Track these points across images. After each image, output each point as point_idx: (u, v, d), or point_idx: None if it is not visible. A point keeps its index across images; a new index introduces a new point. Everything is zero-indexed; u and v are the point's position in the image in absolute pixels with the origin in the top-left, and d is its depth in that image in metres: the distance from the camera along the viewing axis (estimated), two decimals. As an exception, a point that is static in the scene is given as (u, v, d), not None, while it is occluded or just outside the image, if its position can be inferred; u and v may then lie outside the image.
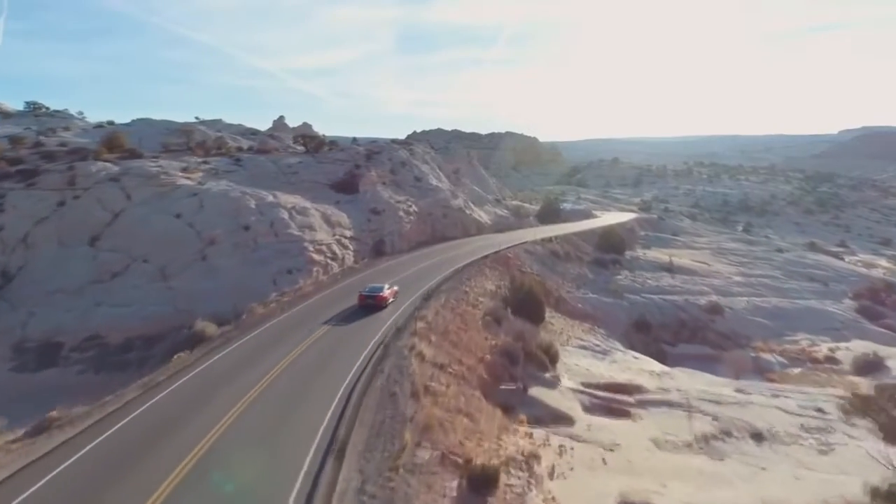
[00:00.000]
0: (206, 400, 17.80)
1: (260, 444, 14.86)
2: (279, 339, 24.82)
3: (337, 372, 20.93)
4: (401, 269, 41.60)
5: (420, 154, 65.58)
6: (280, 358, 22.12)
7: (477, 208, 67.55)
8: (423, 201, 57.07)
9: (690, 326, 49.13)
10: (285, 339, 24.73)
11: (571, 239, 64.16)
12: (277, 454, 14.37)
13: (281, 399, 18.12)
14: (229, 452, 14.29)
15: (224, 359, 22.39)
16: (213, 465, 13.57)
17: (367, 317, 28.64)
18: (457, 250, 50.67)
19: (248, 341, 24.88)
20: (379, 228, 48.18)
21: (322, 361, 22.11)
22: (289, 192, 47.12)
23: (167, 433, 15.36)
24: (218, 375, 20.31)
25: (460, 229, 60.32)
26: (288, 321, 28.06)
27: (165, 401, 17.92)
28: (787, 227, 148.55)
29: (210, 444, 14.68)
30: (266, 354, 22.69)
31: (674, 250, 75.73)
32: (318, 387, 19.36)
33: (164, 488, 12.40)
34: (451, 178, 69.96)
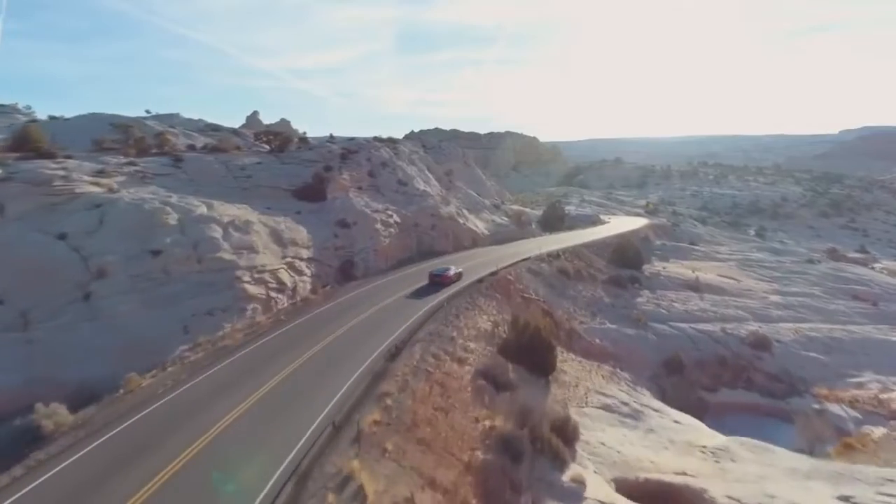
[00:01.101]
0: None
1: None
2: (141, 450, 14.97)
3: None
4: (369, 300, 31.66)
5: (406, 154, 55.67)
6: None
7: (472, 216, 57.63)
8: (407, 209, 47.16)
9: (732, 365, 39.20)
10: (151, 451, 14.89)
11: (581, 253, 54.20)
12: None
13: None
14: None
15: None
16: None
17: (293, 397, 18.70)
18: (446, 270, 40.79)
19: (89, 455, 15.04)
20: (348, 245, 38.23)
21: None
22: (237, 200, 37.20)
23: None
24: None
25: (452, 242, 50.40)
26: (178, 405, 18.17)
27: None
28: (801, 230, 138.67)
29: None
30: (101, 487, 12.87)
31: (695, 262, 65.78)
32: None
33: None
34: (443, 182, 60.03)
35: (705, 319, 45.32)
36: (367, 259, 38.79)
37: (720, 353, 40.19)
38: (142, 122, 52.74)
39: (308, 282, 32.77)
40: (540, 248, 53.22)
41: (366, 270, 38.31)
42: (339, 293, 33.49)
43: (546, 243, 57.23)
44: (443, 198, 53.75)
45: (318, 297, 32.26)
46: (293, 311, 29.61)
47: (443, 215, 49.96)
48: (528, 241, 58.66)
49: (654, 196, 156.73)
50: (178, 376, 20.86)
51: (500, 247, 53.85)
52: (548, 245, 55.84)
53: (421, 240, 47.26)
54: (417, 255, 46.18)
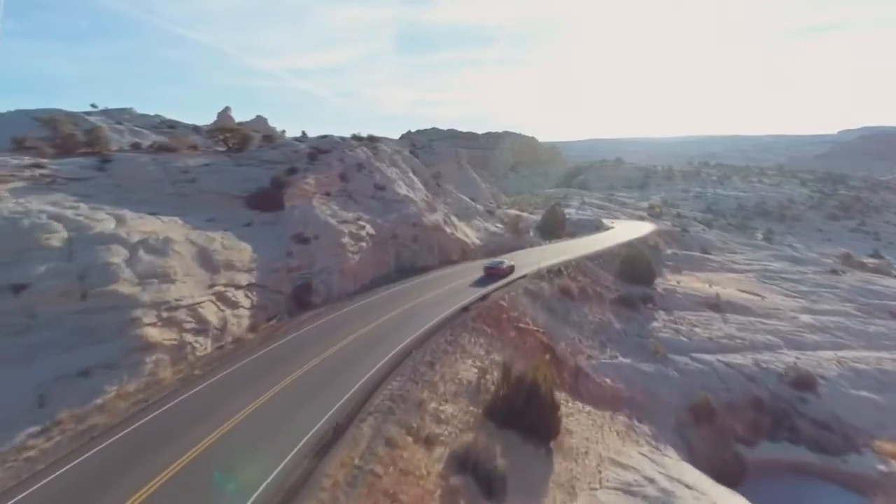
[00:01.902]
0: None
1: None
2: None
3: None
4: (321, 340, 24.34)
5: (387, 154, 48.36)
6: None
7: (462, 224, 50.34)
8: (384, 218, 39.86)
9: (771, 409, 31.91)
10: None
11: (586, 267, 46.89)
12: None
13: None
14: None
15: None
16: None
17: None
18: (426, 293, 33.46)
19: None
20: (306, 265, 30.92)
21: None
22: (170, 210, 29.96)
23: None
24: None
25: (437, 255, 43.11)
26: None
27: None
28: (810, 234, 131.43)
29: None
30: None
31: (711, 275, 58.52)
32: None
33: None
34: (430, 186, 52.73)
35: (733, 349, 38.02)
36: (329, 281, 31.49)
37: (755, 393, 32.86)
38: (81, 117, 45.41)
39: (246, 316, 25.47)
40: (539, 260, 45.99)
41: (328, 296, 31.01)
42: (286, 329, 26.16)
43: (545, 255, 49.96)
44: (428, 204, 46.45)
45: (256, 335, 24.94)
46: (217, 358, 22.30)
47: (427, 224, 42.66)
48: (524, 253, 51.38)
49: (657, 197, 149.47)
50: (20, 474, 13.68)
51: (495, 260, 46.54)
52: (547, 257, 48.59)
53: (400, 254, 39.98)
54: (395, 272, 38.87)
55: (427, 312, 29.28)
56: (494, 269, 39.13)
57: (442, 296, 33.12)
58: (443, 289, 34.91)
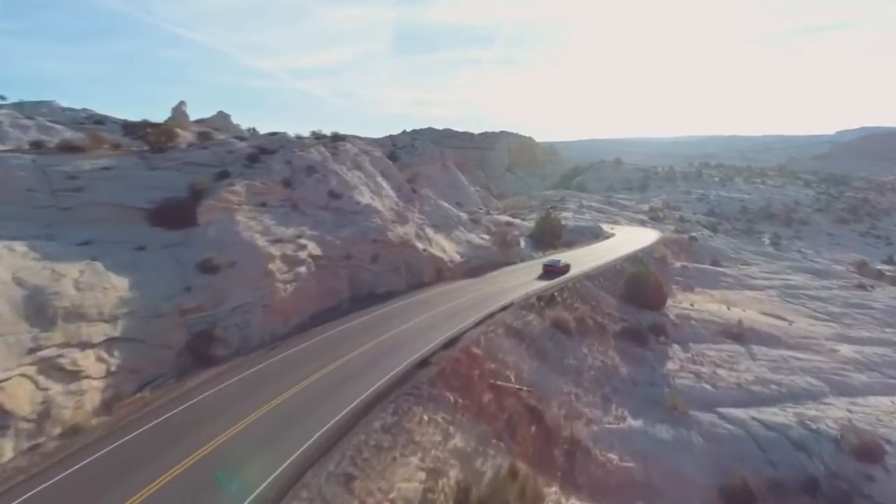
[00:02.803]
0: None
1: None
2: None
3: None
4: (203, 428, 16.20)
5: (350, 155, 40.14)
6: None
7: (440, 237, 42.17)
8: (337, 234, 31.71)
9: (830, 494, 23.86)
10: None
11: (585, 289, 38.72)
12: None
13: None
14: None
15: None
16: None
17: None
18: (379, 334, 25.31)
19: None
20: (210, 304, 22.77)
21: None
22: (33, 228, 21.94)
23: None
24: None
25: (405, 277, 34.94)
26: None
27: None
28: (819, 238, 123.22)
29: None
30: None
31: (727, 293, 50.41)
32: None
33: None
34: (404, 192, 44.54)
35: (769, 399, 29.87)
36: (246, 324, 23.33)
37: (807, 468, 24.73)
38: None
39: (96, 390, 17.34)
40: (528, 282, 37.91)
41: (242, 344, 22.86)
42: (163, 402, 18.03)
43: (537, 272, 41.84)
44: (397, 214, 38.27)
45: (109, 418, 16.85)
46: (24, 469, 14.23)
47: (392, 240, 34.47)
48: (513, 271, 43.29)
49: (658, 199, 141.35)
50: None
51: (475, 281, 38.44)
52: (539, 276, 40.49)
53: (356, 278, 31.81)
54: (349, 302, 30.71)
55: (368, 370, 21.17)
56: (553, 266, 41.73)
57: (398, 338, 25.01)
58: (403, 326, 26.78)
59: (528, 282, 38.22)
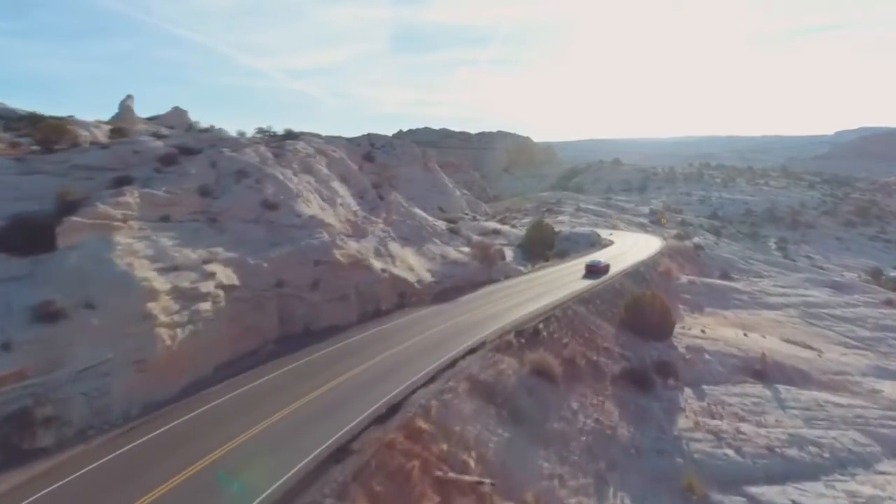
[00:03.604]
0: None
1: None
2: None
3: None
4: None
5: (298, 156, 33.14)
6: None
7: (409, 252, 35.26)
8: (265, 255, 24.87)
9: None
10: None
11: (578, 316, 31.77)
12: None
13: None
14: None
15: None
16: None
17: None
18: (293, 398, 18.38)
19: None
20: (44, 364, 15.99)
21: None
22: None
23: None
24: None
25: (357, 305, 28.02)
26: None
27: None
28: (826, 243, 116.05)
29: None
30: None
31: (741, 313, 43.46)
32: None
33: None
34: (368, 199, 37.61)
35: (810, 469, 22.93)
36: (101, 391, 16.48)
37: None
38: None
39: None
40: (509, 309, 31.03)
41: (92, 420, 16.01)
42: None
43: (522, 295, 34.99)
44: (354, 227, 31.40)
45: None
46: None
47: (341, 259, 27.58)
48: (494, 292, 36.39)
49: (658, 201, 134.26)
50: None
51: (445, 308, 31.52)
52: (524, 300, 33.61)
53: (289, 310, 24.95)
54: (276, 342, 23.83)
55: (253, 467, 14.32)
56: (595, 266, 41.82)
57: (317, 406, 18.14)
58: (331, 383, 19.93)
59: (509, 308, 31.34)
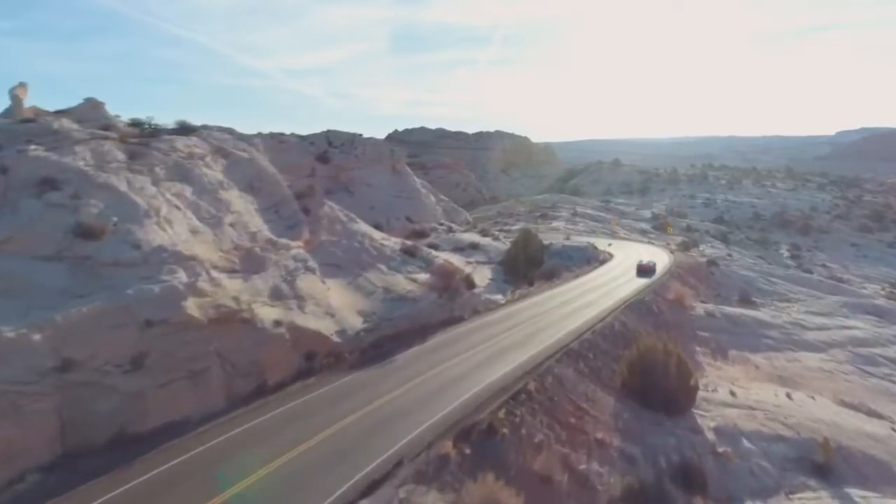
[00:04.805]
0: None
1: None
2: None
3: None
4: None
5: (170, 158, 22.90)
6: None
7: (333, 287, 25.15)
8: (45, 319, 14.92)
9: None
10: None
11: (560, 383, 21.58)
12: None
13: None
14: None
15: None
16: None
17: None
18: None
19: None
20: None
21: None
22: None
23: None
24: None
25: (220, 383, 17.94)
26: None
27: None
28: (842, 250, 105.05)
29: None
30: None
31: (776, 357, 33.11)
32: None
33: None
34: (284, 215, 27.46)
35: None
36: None
37: None
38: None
39: None
40: (464, 379, 20.89)
41: None
42: None
43: (488, 347, 24.79)
44: (245, 257, 21.37)
45: None
46: None
47: (195, 315, 17.50)
48: (447, 344, 26.12)
49: (660, 204, 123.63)
50: None
51: (367, 377, 21.27)
52: (490, 356, 23.40)
53: (83, 409, 14.88)
54: (55, 467, 13.82)
55: None
56: (644, 266, 42.74)
57: None
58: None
59: (463, 375, 21.20)
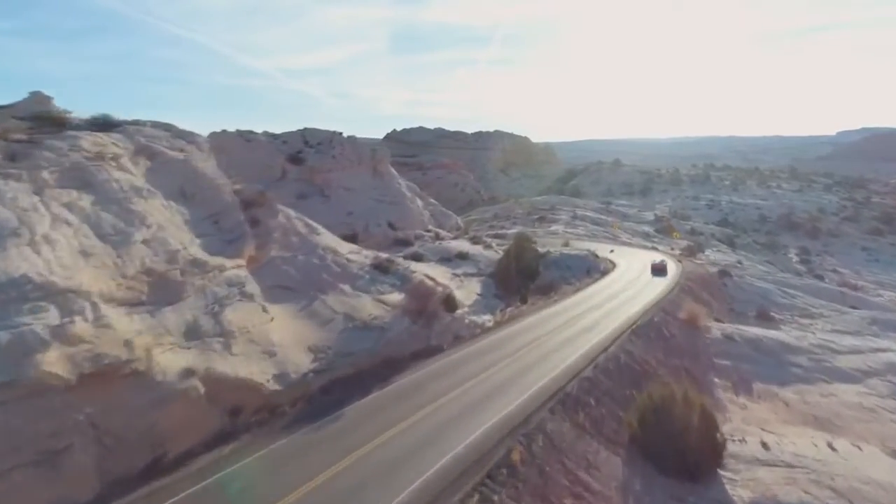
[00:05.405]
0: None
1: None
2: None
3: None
4: None
5: (67, 160, 18.30)
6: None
7: (278, 316, 20.35)
8: None
9: None
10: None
11: (553, 444, 16.77)
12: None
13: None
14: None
15: None
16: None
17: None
18: None
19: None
20: None
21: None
22: None
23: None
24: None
25: (90, 466, 13.11)
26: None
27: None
28: (853, 254, 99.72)
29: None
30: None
31: (807, 391, 28.07)
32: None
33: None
34: (225, 227, 22.54)
35: None
36: None
37: None
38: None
39: None
40: (431, 443, 15.95)
41: None
42: None
43: (468, 391, 19.86)
44: (156, 283, 16.56)
45: None
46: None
47: (55, 372, 12.69)
48: (417, 387, 21.16)
49: (663, 206, 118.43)
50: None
51: (304, 442, 16.40)
52: (469, 404, 18.45)
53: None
54: None
55: None
56: (657, 265, 44.75)
57: None
58: None
59: (430, 437, 16.29)
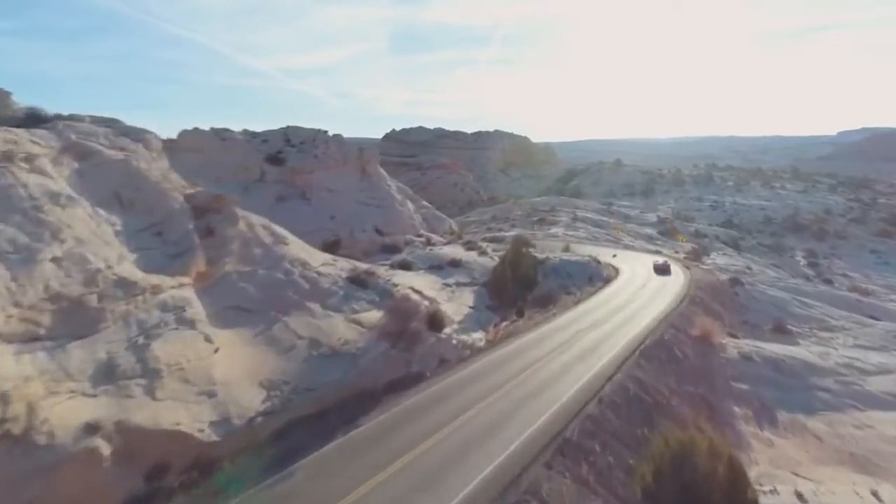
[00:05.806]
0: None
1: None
2: None
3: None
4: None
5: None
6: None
7: (224, 339, 17.09)
8: None
9: None
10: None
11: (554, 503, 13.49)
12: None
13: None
14: None
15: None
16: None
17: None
18: None
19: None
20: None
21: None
22: None
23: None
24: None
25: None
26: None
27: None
28: (862, 257, 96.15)
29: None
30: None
31: (836, 419, 24.71)
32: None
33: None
34: (169, 240, 19.07)
35: None
36: None
37: None
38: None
39: None
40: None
41: None
42: None
43: (446, 437, 16.51)
44: (61, 313, 13.31)
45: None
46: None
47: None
48: (390, 429, 17.79)
49: (666, 207, 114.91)
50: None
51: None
52: (443, 461, 15.06)
53: None
54: None
55: None
56: (660, 265, 45.04)
57: None
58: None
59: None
